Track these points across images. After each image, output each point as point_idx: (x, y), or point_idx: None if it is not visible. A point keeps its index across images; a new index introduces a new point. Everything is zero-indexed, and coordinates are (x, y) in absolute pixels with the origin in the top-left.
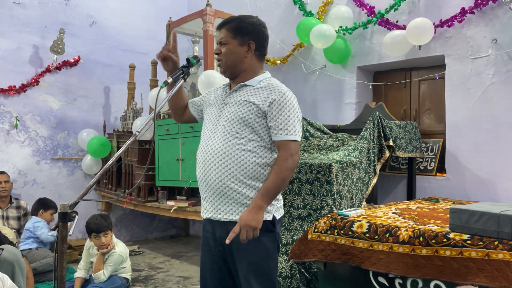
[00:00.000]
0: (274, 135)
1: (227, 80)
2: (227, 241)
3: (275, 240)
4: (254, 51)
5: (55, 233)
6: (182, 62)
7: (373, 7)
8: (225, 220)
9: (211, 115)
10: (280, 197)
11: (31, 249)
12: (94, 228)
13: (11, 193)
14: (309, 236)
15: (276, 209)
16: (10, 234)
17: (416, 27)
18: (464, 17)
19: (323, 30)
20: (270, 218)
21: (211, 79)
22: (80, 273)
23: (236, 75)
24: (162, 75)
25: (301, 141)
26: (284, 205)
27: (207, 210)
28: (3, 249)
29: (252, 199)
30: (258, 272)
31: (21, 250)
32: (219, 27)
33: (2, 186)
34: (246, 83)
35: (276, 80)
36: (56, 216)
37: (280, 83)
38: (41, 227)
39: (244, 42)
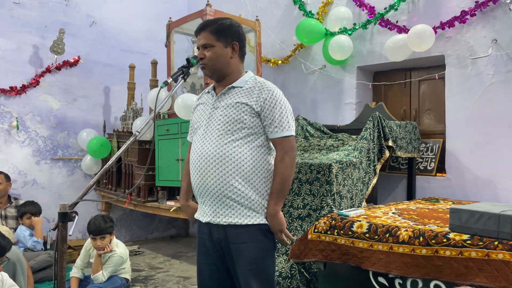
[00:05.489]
0: (270, 134)
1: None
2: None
3: (273, 240)
4: (238, 51)
5: (38, 239)
6: (182, 62)
7: (373, 7)
8: (224, 223)
9: (201, 121)
10: None
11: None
12: (93, 229)
13: (11, 193)
14: (309, 236)
15: None
16: (8, 234)
17: (417, 34)
18: (466, 18)
19: (342, 42)
20: (265, 221)
21: (187, 103)
22: (75, 272)
23: (223, 77)
24: (162, 75)
25: (301, 141)
26: (284, 205)
27: (206, 214)
28: None
29: (250, 199)
30: (257, 272)
31: None
32: (199, 31)
33: None
34: (234, 84)
35: (260, 78)
36: (33, 218)
37: (265, 81)
38: (23, 236)
39: (228, 43)
